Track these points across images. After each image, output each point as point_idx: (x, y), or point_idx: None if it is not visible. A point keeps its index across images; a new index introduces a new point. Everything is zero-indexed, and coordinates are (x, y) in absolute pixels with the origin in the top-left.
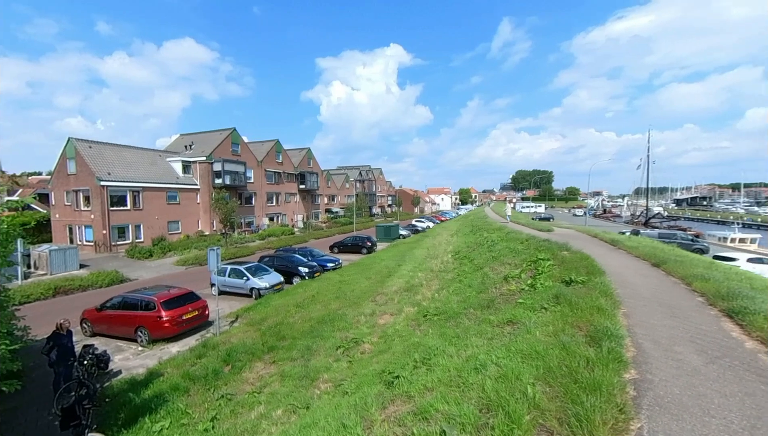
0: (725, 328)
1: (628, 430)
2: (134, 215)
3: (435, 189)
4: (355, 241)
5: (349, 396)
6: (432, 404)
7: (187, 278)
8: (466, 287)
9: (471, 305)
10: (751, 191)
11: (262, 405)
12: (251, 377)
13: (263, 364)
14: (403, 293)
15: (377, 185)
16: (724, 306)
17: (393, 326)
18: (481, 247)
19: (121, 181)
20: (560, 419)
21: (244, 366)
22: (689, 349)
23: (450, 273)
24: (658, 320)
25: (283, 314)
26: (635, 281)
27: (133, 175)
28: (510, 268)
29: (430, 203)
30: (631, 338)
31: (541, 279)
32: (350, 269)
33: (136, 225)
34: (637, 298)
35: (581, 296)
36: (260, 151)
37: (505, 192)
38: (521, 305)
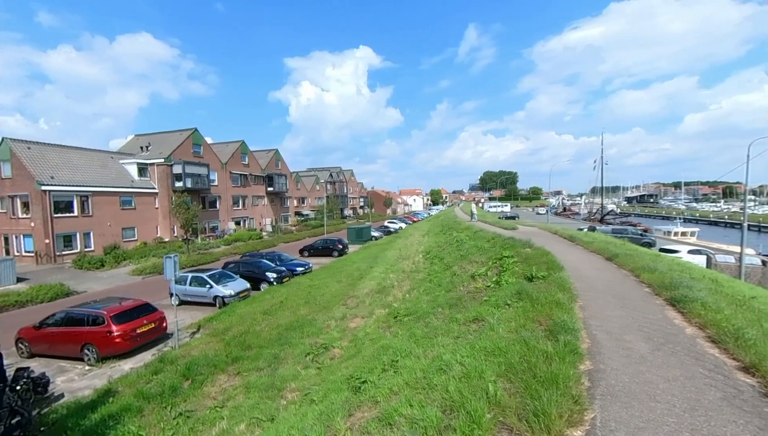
0: (669, 316)
1: (583, 421)
2: (83, 222)
3: (407, 190)
4: (326, 244)
5: (316, 405)
6: (396, 409)
7: (145, 288)
8: (436, 287)
9: (440, 304)
10: (690, 189)
11: (224, 420)
12: (213, 391)
13: (227, 376)
14: (375, 295)
15: (348, 187)
16: (668, 296)
17: (364, 329)
18: (450, 246)
19: (67, 185)
20: (520, 415)
21: (206, 380)
22: (638, 337)
23: (421, 273)
24: (611, 311)
25: (249, 323)
26: (590, 275)
27: (80, 179)
28: (477, 266)
29: (402, 204)
30: (587, 330)
31: (505, 276)
32: (321, 272)
33: (85, 233)
34: (592, 291)
35: (542, 292)
36: (225, 153)
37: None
38: (486, 302)
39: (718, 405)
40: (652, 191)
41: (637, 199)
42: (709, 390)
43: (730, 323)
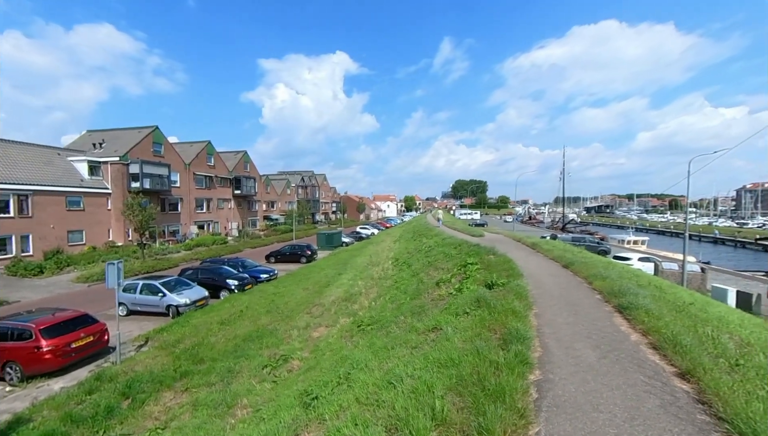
0: (616, 323)
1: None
2: (20, 224)
3: (381, 196)
4: (293, 249)
5: (264, 424)
6: (341, 429)
7: (90, 297)
8: (402, 294)
9: (403, 312)
10: (642, 201)
11: None
12: (156, 411)
13: (173, 393)
14: (341, 303)
15: (321, 191)
16: (616, 303)
17: (326, 339)
18: (419, 253)
19: (2, 183)
20: (464, 432)
21: (149, 398)
22: (586, 345)
23: (389, 280)
24: (563, 318)
25: (203, 333)
26: (548, 282)
27: (19, 176)
28: (443, 272)
29: (375, 210)
30: (540, 338)
31: (467, 283)
32: (287, 279)
33: (23, 236)
34: (547, 297)
35: (499, 299)
36: (189, 153)
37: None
38: (447, 310)
39: (656, 413)
40: (608, 202)
41: (596, 209)
42: (648, 398)
43: (669, 330)
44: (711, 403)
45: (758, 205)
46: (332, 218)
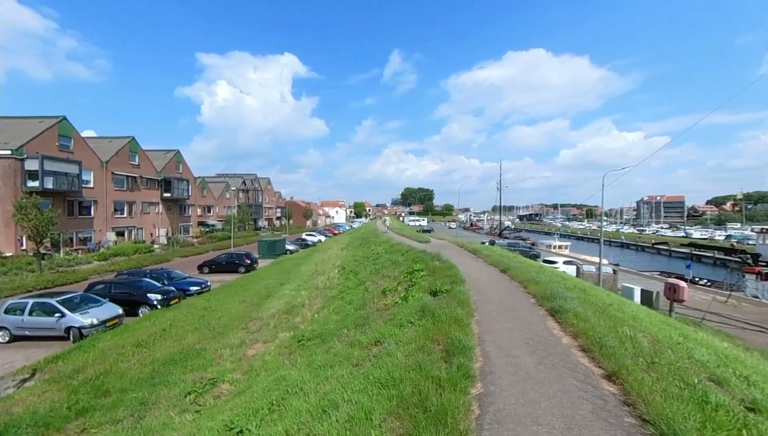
0: (549, 326)
1: None
2: None
3: (329, 201)
4: (231, 258)
5: None
6: None
7: None
8: (347, 304)
9: (347, 324)
10: (564, 210)
11: None
12: None
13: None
14: (282, 316)
15: (264, 196)
16: (549, 306)
17: (263, 357)
18: (367, 260)
19: None
20: None
21: None
22: (524, 351)
23: (334, 290)
24: (502, 324)
25: (113, 359)
26: (488, 287)
27: None
28: (389, 281)
29: (323, 216)
30: (481, 347)
31: (413, 291)
32: (221, 291)
33: None
34: (488, 303)
35: (443, 307)
36: (107, 150)
37: (395, 207)
38: (391, 321)
39: (590, 420)
40: (538, 211)
41: (527, 217)
42: (581, 404)
43: (595, 332)
44: (636, 404)
45: (653, 215)
46: (277, 224)
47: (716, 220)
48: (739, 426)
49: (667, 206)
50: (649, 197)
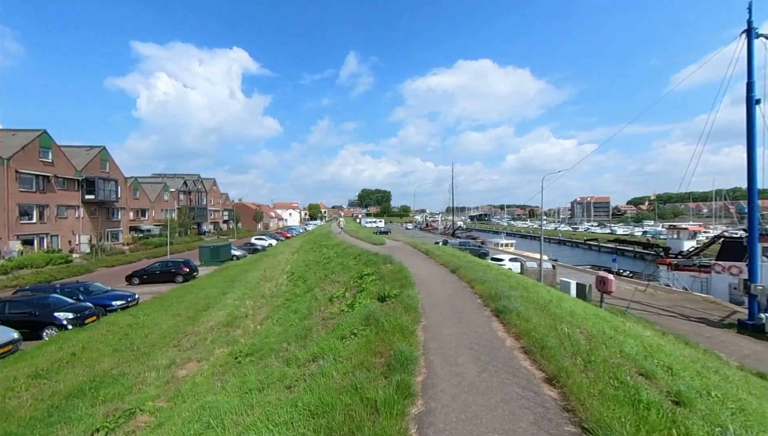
0: (494, 328)
1: None
2: None
3: (282, 203)
4: (166, 267)
5: None
6: None
7: None
8: (292, 314)
9: (289, 336)
10: (510, 210)
11: None
12: None
13: None
14: (222, 329)
15: (209, 198)
16: (493, 306)
17: (193, 379)
18: (317, 265)
19: None
20: None
21: None
22: (468, 358)
23: (281, 298)
24: (449, 329)
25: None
26: (437, 288)
27: None
28: (338, 287)
29: (276, 218)
30: (425, 356)
31: (361, 297)
32: (152, 305)
33: None
34: (436, 306)
35: (389, 314)
36: (10, 145)
37: (352, 208)
38: (334, 332)
39: (531, 433)
40: (486, 211)
41: (477, 217)
42: (523, 414)
43: (537, 332)
44: (575, 410)
45: (585, 214)
46: (224, 228)
47: (635, 218)
48: (668, 425)
49: (596, 206)
50: (581, 198)
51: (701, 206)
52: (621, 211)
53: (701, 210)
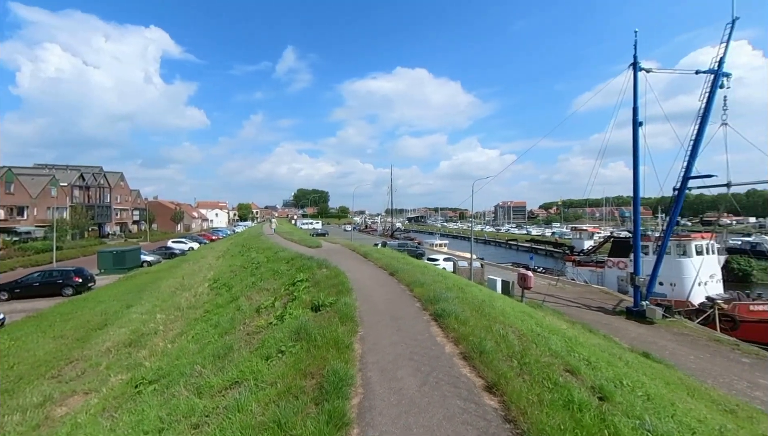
0: (433, 333)
1: None
2: None
3: (208, 202)
4: (49, 277)
5: None
6: None
7: None
8: (211, 328)
9: (205, 356)
10: (443, 213)
11: None
12: None
13: None
14: (122, 351)
15: (115, 195)
16: (432, 310)
17: (75, 418)
18: (245, 270)
19: None
20: None
21: None
22: (409, 370)
23: (199, 309)
24: (388, 338)
25: None
26: (375, 293)
27: None
28: (267, 295)
29: (199, 219)
30: (362, 372)
31: (292, 307)
32: (24, 326)
33: None
34: (374, 313)
35: (323, 326)
36: None
37: (287, 209)
38: (259, 350)
39: None
40: (423, 214)
41: (415, 219)
42: (466, 432)
43: (475, 336)
44: (516, 421)
45: (506, 217)
46: (134, 229)
47: (545, 220)
48: (600, 426)
49: (515, 210)
50: (503, 203)
51: (594, 211)
52: (535, 215)
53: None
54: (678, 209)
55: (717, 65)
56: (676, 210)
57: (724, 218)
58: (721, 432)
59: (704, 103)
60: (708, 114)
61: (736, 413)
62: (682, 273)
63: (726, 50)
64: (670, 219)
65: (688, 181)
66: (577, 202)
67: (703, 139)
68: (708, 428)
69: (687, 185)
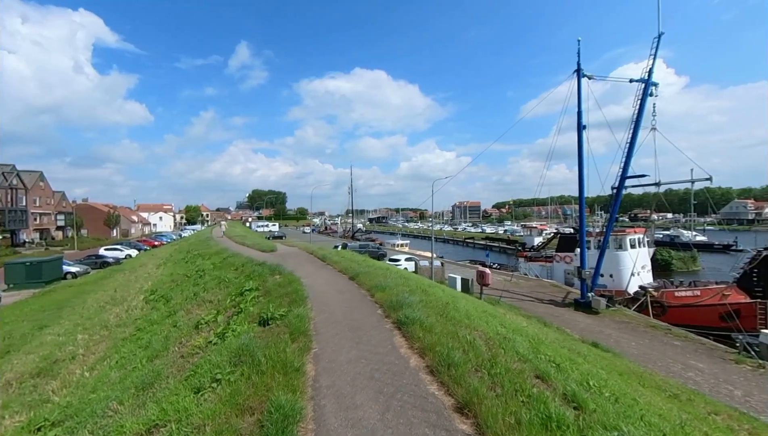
0: (397, 344)
1: None
2: None
3: (150, 205)
4: None
5: None
6: None
7: None
8: (141, 350)
9: (126, 387)
10: (404, 213)
11: None
12: None
13: None
14: (26, 384)
15: (32, 197)
16: (395, 317)
17: None
18: (188, 279)
19: None
20: None
21: None
22: (369, 394)
23: (130, 327)
24: (346, 354)
25: None
26: (333, 301)
27: None
28: (209, 308)
29: (140, 223)
30: (315, 401)
31: (237, 322)
32: None
33: None
34: (331, 324)
35: (271, 345)
36: None
37: (241, 211)
38: (190, 378)
39: None
40: (384, 214)
41: (376, 220)
42: None
43: (441, 345)
44: None
45: (462, 216)
46: (57, 236)
47: (498, 219)
48: None
49: (470, 209)
50: (460, 203)
51: (541, 210)
52: (488, 214)
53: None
54: (617, 206)
55: (647, 75)
56: (615, 207)
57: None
58: (682, 427)
59: (637, 109)
60: (641, 118)
61: (679, 397)
62: (620, 265)
63: (654, 61)
64: (611, 215)
65: (625, 180)
66: (527, 202)
67: (637, 142)
68: (671, 425)
69: (624, 184)
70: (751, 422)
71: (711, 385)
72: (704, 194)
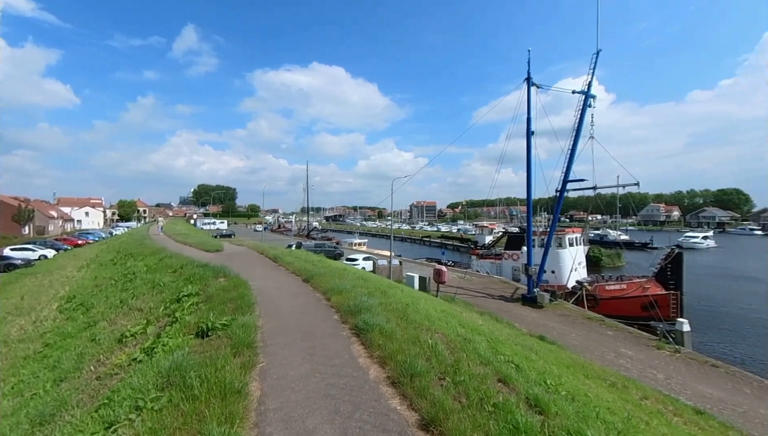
0: (355, 354)
1: None
2: None
3: (74, 199)
4: None
5: None
6: None
7: None
8: (47, 371)
9: (17, 423)
10: (362, 212)
11: None
12: None
13: None
14: None
15: None
16: (353, 323)
17: None
18: (116, 284)
19: None
20: None
21: None
22: (324, 416)
23: (37, 342)
24: (298, 368)
25: None
26: (286, 306)
27: None
28: (138, 317)
29: (60, 220)
30: (258, 429)
31: (169, 334)
32: None
33: None
34: (282, 333)
35: (208, 362)
36: None
37: (185, 207)
38: (103, 409)
39: None
40: (341, 212)
41: (333, 218)
42: None
43: (403, 353)
44: None
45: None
46: None
47: (452, 218)
48: None
49: (427, 209)
50: (417, 202)
51: (490, 210)
52: (443, 214)
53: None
54: (559, 208)
55: (587, 87)
56: (558, 208)
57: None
58: (629, 420)
59: (578, 119)
60: (581, 127)
61: (616, 385)
62: (561, 262)
63: (593, 75)
64: (554, 216)
65: (567, 184)
66: (478, 203)
67: (577, 148)
68: (620, 418)
69: (566, 187)
70: (673, 403)
71: (639, 370)
72: (627, 198)
